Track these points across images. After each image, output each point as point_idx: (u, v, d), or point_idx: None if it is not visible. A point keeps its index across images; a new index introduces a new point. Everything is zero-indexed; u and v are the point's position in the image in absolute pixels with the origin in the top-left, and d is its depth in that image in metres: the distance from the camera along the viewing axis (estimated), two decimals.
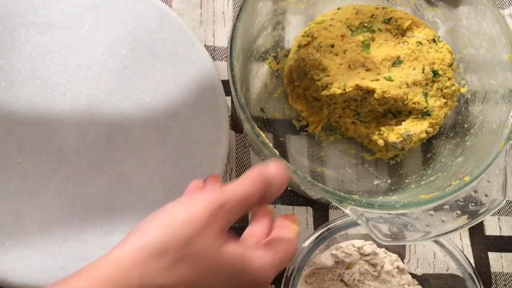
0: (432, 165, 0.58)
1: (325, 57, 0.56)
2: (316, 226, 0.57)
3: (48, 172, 0.54)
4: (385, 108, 0.56)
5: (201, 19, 0.63)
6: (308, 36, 0.57)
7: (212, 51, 0.62)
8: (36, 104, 0.55)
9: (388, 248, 0.56)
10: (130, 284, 0.33)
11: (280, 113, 0.60)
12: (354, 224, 0.52)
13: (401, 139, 0.55)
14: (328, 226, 0.52)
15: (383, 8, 0.59)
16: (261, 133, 0.46)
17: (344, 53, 0.56)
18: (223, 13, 0.63)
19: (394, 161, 0.59)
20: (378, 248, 0.55)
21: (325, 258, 0.54)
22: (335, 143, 0.60)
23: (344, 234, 0.54)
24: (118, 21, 0.58)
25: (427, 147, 0.59)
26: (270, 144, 0.47)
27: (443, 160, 0.57)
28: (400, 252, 0.56)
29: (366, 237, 0.56)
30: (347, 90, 0.54)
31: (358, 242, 0.55)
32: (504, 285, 0.58)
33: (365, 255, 0.55)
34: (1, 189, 0.53)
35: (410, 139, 0.55)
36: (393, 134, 0.56)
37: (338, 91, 0.54)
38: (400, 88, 0.55)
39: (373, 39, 0.57)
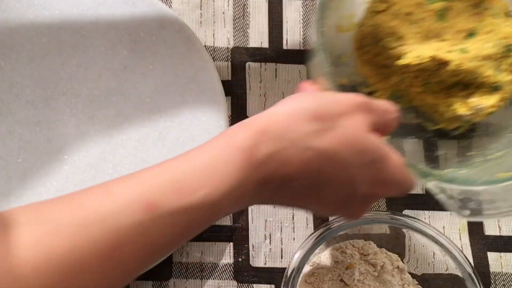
0: (497, 138, 0.58)
1: (402, 25, 0.55)
2: (316, 226, 0.57)
3: (48, 172, 0.54)
4: (456, 79, 0.55)
5: (201, 19, 0.63)
6: (384, 2, 0.57)
7: (212, 51, 0.62)
8: (36, 104, 0.55)
9: (388, 248, 0.56)
10: (283, 137, 0.35)
11: (347, 79, 0.59)
12: (354, 223, 0.52)
13: (472, 111, 0.55)
14: (328, 226, 0.52)
15: None
16: None
17: (421, 22, 0.55)
18: (223, 13, 0.63)
19: (458, 132, 0.59)
20: (378, 248, 0.55)
21: (325, 258, 0.54)
22: (400, 111, 0.59)
23: (344, 234, 0.54)
24: (118, 21, 0.58)
25: (492, 119, 0.58)
26: None
27: (510, 134, 0.57)
28: (400, 251, 0.56)
29: (366, 237, 0.56)
30: (423, 61, 0.53)
31: (358, 242, 0.55)
32: (503, 285, 0.58)
33: (365, 255, 0.55)
34: (1, 190, 0.53)
35: (480, 112, 0.55)
36: (464, 106, 0.55)
37: (414, 61, 0.54)
38: (473, 60, 0.54)
39: (449, 9, 0.56)
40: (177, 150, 0.55)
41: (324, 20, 0.47)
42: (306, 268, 0.53)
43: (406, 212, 0.59)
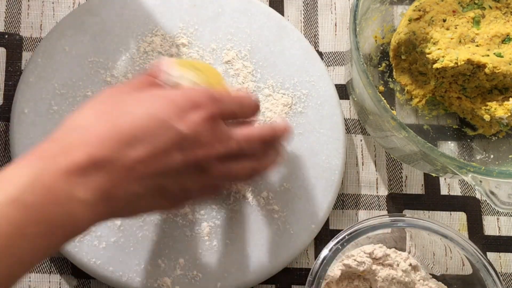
0: None
1: (437, 31, 0.57)
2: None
3: None
4: (493, 84, 0.57)
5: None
6: (419, 10, 0.58)
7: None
8: None
9: (396, 247, 0.55)
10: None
11: (384, 86, 0.61)
12: (363, 232, 0.51)
13: (509, 114, 0.56)
14: (338, 239, 0.51)
15: None
16: (382, 98, 0.49)
17: (455, 28, 0.57)
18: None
19: (496, 137, 0.60)
20: (388, 249, 0.54)
21: (337, 269, 0.53)
22: (438, 117, 0.61)
23: (353, 244, 0.52)
24: (236, 31, 0.58)
25: None
26: (388, 106, 0.49)
27: None
28: (407, 249, 0.55)
29: (374, 242, 0.55)
30: (459, 63, 0.55)
31: (368, 248, 0.54)
32: None
33: (377, 259, 0.54)
34: None
35: None
36: (501, 109, 0.57)
37: (450, 64, 0.55)
38: (510, 64, 0.56)
39: (483, 16, 0.58)
40: (296, 161, 0.56)
41: (356, 29, 0.49)
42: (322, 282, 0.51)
43: (405, 212, 0.59)
